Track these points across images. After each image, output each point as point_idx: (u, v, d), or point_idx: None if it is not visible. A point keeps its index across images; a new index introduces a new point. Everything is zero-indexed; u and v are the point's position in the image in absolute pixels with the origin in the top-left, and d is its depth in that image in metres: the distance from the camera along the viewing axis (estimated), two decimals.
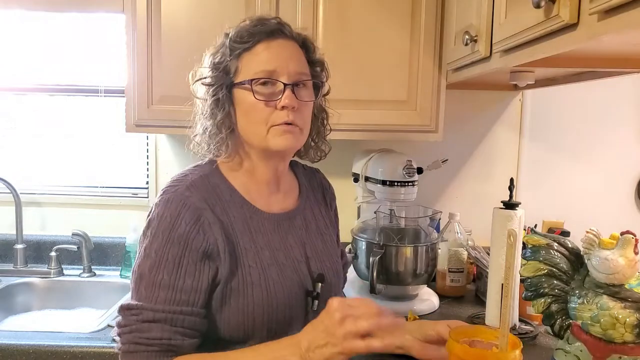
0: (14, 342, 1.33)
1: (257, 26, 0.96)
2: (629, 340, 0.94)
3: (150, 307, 0.88)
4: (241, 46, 0.96)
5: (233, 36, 0.97)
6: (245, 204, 0.99)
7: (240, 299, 0.93)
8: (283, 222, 1.03)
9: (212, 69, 0.98)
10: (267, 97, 0.95)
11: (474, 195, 1.94)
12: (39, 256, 1.96)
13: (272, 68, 0.95)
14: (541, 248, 1.09)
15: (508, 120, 1.92)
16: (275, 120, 0.95)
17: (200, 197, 0.94)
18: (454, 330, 0.91)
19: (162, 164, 1.97)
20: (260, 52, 0.96)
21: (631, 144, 1.89)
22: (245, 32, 0.96)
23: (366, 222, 1.63)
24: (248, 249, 0.95)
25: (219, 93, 0.96)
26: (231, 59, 0.96)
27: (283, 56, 0.96)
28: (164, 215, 0.91)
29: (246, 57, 0.96)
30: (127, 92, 1.58)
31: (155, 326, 0.88)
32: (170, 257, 0.89)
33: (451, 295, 1.68)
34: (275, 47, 0.96)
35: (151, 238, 0.91)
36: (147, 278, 0.90)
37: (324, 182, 1.20)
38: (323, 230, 1.11)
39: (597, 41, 0.78)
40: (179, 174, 1.00)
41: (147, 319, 0.88)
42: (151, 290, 0.89)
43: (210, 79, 0.98)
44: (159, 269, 0.89)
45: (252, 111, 0.96)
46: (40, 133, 2.02)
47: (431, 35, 1.54)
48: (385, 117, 1.57)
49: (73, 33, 1.97)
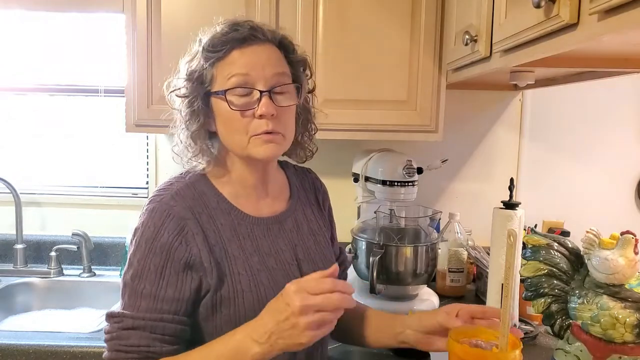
0: (14, 342, 1.33)
1: (229, 33, 0.94)
2: (629, 340, 0.94)
3: (131, 314, 0.89)
4: (214, 55, 0.93)
5: (206, 44, 0.94)
6: (233, 210, 0.98)
7: (232, 307, 0.92)
8: (273, 226, 1.02)
9: (187, 79, 0.96)
10: (243, 107, 0.92)
11: (474, 195, 1.94)
12: (39, 256, 1.96)
13: (247, 76, 0.92)
14: (541, 248, 1.09)
15: (508, 120, 1.92)
16: (256, 129, 0.93)
17: (185, 206, 0.93)
18: (454, 331, 0.91)
19: (162, 164, 1.97)
20: (235, 60, 0.93)
21: (631, 144, 1.89)
22: (218, 40, 0.93)
23: (366, 222, 1.63)
24: (237, 256, 0.94)
25: (193, 104, 0.94)
26: (205, 68, 0.94)
27: (258, 62, 0.93)
28: (147, 225, 0.91)
29: (220, 65, 0.94)
30: (127, 92, 1.58)
31: (134, 333, 0.88)
32: (153, 267, 0.89)
33: (451, 295, 1.68)
34: (249, 54, 0.93)
35: (135, 247, 0.92)
36: (130, 287, 0.90)
37: (316, 182, 1.18)
38: (316, 232, 1.10)
39: (597, 41, 0.78)
40: (165, 182, 0.99)
41: (127, 326, 0.88)
42: (134, 299, 0.90)
43: (185, 90, 0.96)
44: (141, 278, 0.90)
45: (230, 121, 0.94)
46: (40, 133, 2.02)
47: (431, 35, 1.54)
48: (385, 117, 1.57)
49: (73, 33, 1.97)
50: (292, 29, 1.52)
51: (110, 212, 2.00)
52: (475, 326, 0.94)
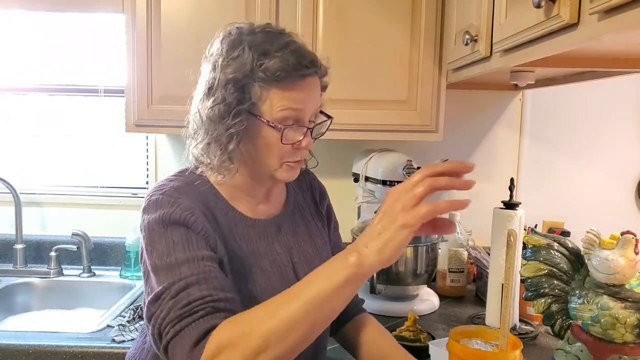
0: (14, 342, 1.33)
1: (289, 59, 0.89)
2: (629, 341, 0.94)
3: (174, 280, 0.81)
4: (271, 80, 0.88)
5: (264, 66, 0.88)
6: (231, 210, 0.98)
7: None
8: (269, 228, 1.02)
9: (230, 85, 0.89)
10: (291, 141, 0.92)
11: (474, 195, 1.92)
12: (38, 256, 1.96)
13: (300, 112, 0.92)
14: (541, 248, 1.09)
15: (508, 120, 1.92)
16: (292, 157, 0.95)
17: (190, 199, 0.91)
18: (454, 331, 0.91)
19: (162, 164, 1.97)
20: (291, 90, 0.90)
21: (631, 144, 1.89)
22: (279, 67, 0.88)
23: (366, 222, 1.63)
24: (233, 257, 0.93)
25: (235, 119, 0.89)
26: (253, 84, 0.89)
27: (310, 97, 0.93)
28: (155, 214, 0.87)
29: (274, 90, 0.90)
30: (127, 92, 1.58)
31: (191, 290, 0.79)
32: (177, 239, 0.85)
33: (451, 295, 1.68)
34: (305, 89, 0.92)
35: (149, 234, 0.87)
36: (162, 266, 0.83)
37: (314, 183, 1.17)
38: (313, 233, 1.09)
39: (597, 41, 0.78)
40: (164, 179, 0.97)
41: (179, 289, 0.80)
42: (172, 272, 0.82)
43: (228, 97, 0.89)
44: (170, 254, 0.84)
45: (272, 149, 0.93)
46: (40, 133, 2.02)
47: (431, 35, 1.54)
48: (385, 117, 1.57)
49: (73, 33, 1.97)
50: (292, 29, 1.51)
51: (110, 212, 2.00)
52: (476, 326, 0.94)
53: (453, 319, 1.50)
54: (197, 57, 1.02)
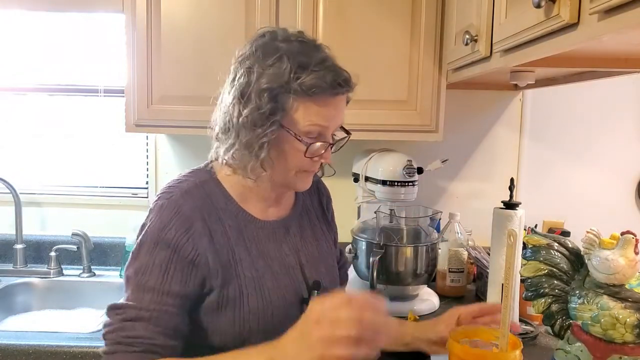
0: (14, 342, 1.33)
1: (326, 76, 0.90)
2: (629, 341, 0.94)
3: (134, 305, 0.87)
4: (307, 94, 0.90)
5: (301, 79, 0.89)
6: (241, 212, 0.99)
7: (236, 309, 0.92)
8: (278, 230, 1.03)
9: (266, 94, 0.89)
10: (315, 155, 0.95)
11: (474, 195, 1.94)
12: (38, 256, 1.96)
13: (327, 129, 0.94)
14: (541, 248, 1.09)
15: (508, 120, 1.92)
16: (309, 167, 0.97)
17: (194, 206, 0.93)
18: (454, 331, 0.91)
19: (162, 164, 1.97)
20: (321, 106, 0.92)
21: (631, 144, 1.89)
22: (316, 82, 0.89)
23: (366, 222, 1.63)
24: (243, 259, 0.95)
25: (269, 129, 0.90)
26: (290, 95, 0.90)
27: (336, 114, 0.95)
28: (155, 221, 0.91)
29: (305, 102, 0.91)
30: (127, 92, 1.58)
31: (138, 325, 0.86)
32: (158, 262, 0.89)
33: (451, 295, 1.68)
34: (333, 106, 0.94)
35: (140, 242, 0.91)
36: (134, 281, 0.89)
37: (320, 186, 1.19)
38: (319, 236, 1.11)
39: (597, 41, 0.78)
40: (174, 180, 0.99)
41: (130, 317, 0.87)
42: (138, 292, 0.88)
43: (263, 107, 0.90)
44: (146, 273, 0.88)
45: (293, 160, 0.95)
46: (40, 133, 2.02)
47: (431, 35, 1.54)
48: (385, 117, 1.57)
49: (73, 33, 1.97)
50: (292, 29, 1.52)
51: (110, 212, 2.00)
52: (476, 326, 0.94)
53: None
54: (197, 57, 1.02)
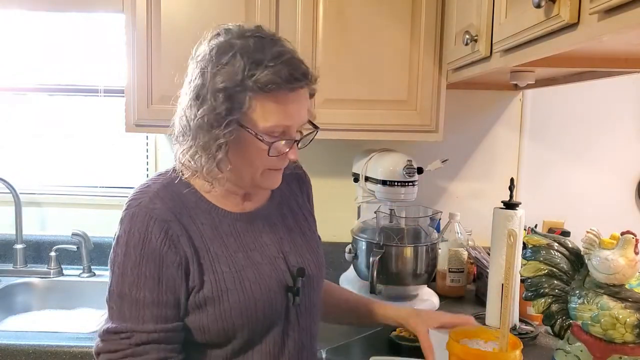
0: (14, 342, 1.33)
1: (281, 70, 0.86)
2: (629, 341, 0.94)
3: (140, 328, 0.87)
4: (263, 91, 0.87)
5: (251, 74, 0.86)
6: (213, 208, 0.97)
7: (217, 306, 0.91)
8: (256, 220, 1.01)
9: (220, 95, 0.87)
10: (279, 153, 0.92)
11: (474, 195, 1.94)
12: (38, 256, 1.96)
13: (289, 127, 0.91)
14: (541, 248, 1.09)
15: (508, 120, 1.92)
16: (274, 165, 0.94)
17: (165, 207, 0.91)
18: (454, 331, 0.91)
19: (162, 164, 1.97)
20: (280, 104, 0.88)
21: (631, 144, 1.89)
22: (271, 79, 0.86)
23: (366, 222, 1.63)
24: (220, 255, 0.93)
25: (225, 130, 0.87)
26: (243, 92, 0.87)
27: (299, 110, 0.92)
28: (131, 231, 0.89)
29: (263, 99, 0.88)
30: (127, 92, 1.58)
31: (150, 348, 0.86)
32: (149, 274, 0.88)
33: (451, 295, 1.68)
34: (294, 101, 0.90)
35: (122, 256, 0.90)
36: (128, 298, 0.88)
37: (298, 172, 1.15)
38: (302, 223, 1.09)
39: (597, 41, 0.78)
40: (140, 185, 0.97)
41: (141, 341, 0.86)
42: (136, 310, 0.88)
43: (218, 107, 0.87)
44: (139, 287, 0.88)
45: (257, 159, 0.92)
46: (40, 133, 2.02)
47: (431, 35, 1.54)
48: (385, 117, 1.57)
49: (73, 33, 1.97)
50: (292, 29, 1.52)
51: (110, 212, 2.00)
52: (476, 326, 0.94)
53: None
54: None
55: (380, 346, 1.29)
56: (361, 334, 1.35)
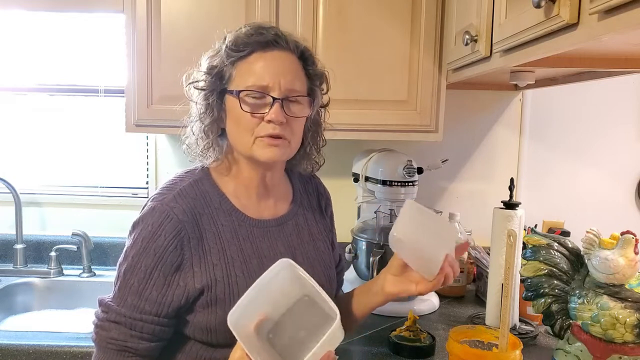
0: (14, 342, 1.33)
1: (253, 35, 0.95)
2: (629, 341, 0.94)
3: (115, 309, 0.93)
4: (236, 54, 0.95)
5: (229, 43, 0.96)
6: (234, 211, 1.00)
7: (226, 308, 0.90)
8: (273, 229, 1.03)
9: (207, 73, 0.98)
10: (253, 109, 0.94)
11: (474, 195, 1.94)
12: (38, 256, 1.96)
13: (264, 81, 0.94)
14: (541, 248, 1.09)
15: (508, 120, 1.92)
16: (260, 132, 0.95)
17: (187, 207, 0.95)
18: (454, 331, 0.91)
19: (162, 164, 1.97)
20: (254, 62, 0.95)
21: (631, 144, 1.89)
22: (241, 40, 0.95)
23: (366, 222, 1.63)
24: (235, 259, 0.96)
25: (209, 98, 0.97)
26: (226, 65, 0.96)
27: (276, 69, 0.95)
28: (147, 223, 0.94)
29: (240, 65, 0.96)
30: (127, 92, 1.58)
31: (114, 327, 0.92)
32: (143, 267, 0.92)
33: (451, 295, 1.68)
34: (269, 59, 0.95)
35: (132, 242, 0.94)
36: (122, 279, 0.94)
37: (320, 188, 1.19)
38: (316, 237, 1.11)
39: (597, 41, 0.78)
40: (169, 181, 1.01)
41: (110, 319, 0.93)
42: (122, 291, 0.94)
43: (203, 83, 0.98)
44: (132, 274, 0.93)
45: (239, 121, 0.96)
46: (40, 133, 2.02)
47: (431, 35, 1.54)
48: (385, 117, 1.57)
49: (73, 33, 1.97)
50: (292, 29, 1.52)
51: (110, 212, 2.00)
52: (476, 326, 0.94)
53: (453, 319, 1.50)
54: (197, 57, 1.02)
55: (380, 346, 1.29)
56: (361, 334, 1.36)
